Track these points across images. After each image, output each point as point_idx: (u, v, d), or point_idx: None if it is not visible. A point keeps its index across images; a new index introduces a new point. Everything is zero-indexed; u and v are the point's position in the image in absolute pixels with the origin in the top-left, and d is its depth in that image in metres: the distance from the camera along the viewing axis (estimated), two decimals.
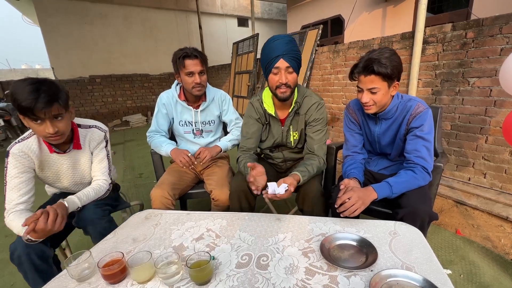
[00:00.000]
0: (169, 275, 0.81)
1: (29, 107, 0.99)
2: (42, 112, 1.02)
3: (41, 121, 1.05)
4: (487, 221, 1.92)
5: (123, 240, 1.05)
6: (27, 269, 1.07)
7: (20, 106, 1.00)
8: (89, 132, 1.31)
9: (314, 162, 1.37)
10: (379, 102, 1.19)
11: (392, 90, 1.19)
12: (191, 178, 1.68)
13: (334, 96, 3.72)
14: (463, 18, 3.99)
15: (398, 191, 1.15)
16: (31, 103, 0.99)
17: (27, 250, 1.07)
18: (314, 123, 1.42)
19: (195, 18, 8.54)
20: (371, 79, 1.14)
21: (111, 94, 7.41)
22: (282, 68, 1.26)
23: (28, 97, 0.98)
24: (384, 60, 1.10)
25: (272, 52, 1.26)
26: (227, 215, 1.19)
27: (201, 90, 1.55)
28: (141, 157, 4.00)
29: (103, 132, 1.35)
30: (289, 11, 7.54)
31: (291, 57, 1.26)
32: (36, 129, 1.07)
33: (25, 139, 1.17)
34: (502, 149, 2.12)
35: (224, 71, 6.91)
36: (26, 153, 1.15)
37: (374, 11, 5.26)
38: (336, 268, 0.81)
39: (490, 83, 2.11)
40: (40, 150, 1.19)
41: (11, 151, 1.14)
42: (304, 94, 1.43)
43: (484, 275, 1.43)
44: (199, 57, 1.49)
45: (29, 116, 1.03)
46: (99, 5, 7.44)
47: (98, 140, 1.32)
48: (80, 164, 1.31)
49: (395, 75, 1.14)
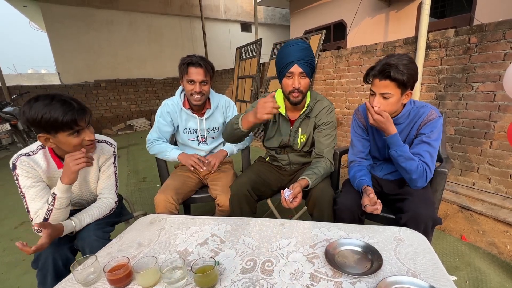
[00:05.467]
0: (174, 280, 0.81)
1: (73, 119, 0.99)
2: (83, 120, 1.04)
3: (81, 131, 1.05)
4: (493, 227, 1.90)
5: (128, 244, 1.06)
6: (49, 273, 1.07)
7: (62, 122, 0.98)
8: (98, 147, 1.26)
9: (321, 164, 1.39)
10: (390, 109, 1.18)
11: (404, 98, 1.18)
12: (194, 183, 1.68)
13: (337, 100, 3.73)
14: (466, 23, 3.99)
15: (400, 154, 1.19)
16: (73, 115, 0.99)
17: (54, 255, 1.09)
18: (323, 126, 1.44)
19: (199, 23, 8.65)
20: (386, 84, 1.14)
21: (115, 98, 7.48)
22: (296, 73, 1.29)
23: (66, 110, 0.98)
24: (402, 67, 1.09)
25: (287, 57, 1.29)
26: (231, 220, 1.19)
27: (200, 100, 1.53)
28: (145, 161, 4.02)
29: (112, 147, 1.31)
30: (292, 16, 7.60)
31: (305, 63, 1.28)
32: (74, 141, 1.04)
33: (31, 154, 1.11)
34: (507, 154, 2.11)
35: (227, 76, 6.96)
36: (33, 167, 1.10)
37: (377, 16, 5.29)
38: (341, 275, 0.81)
39: (494, 88, 2.11)
40: (48, 166, 1.14)
41: (18, 163, 1.08)
42: (316, 99, 1.46)
43: (490, 281, 1.41)
44: (204, 66, 1.48)
45: (71, 128, 1.01)
46: (105, 11, 7.57)
47: (107, 156, 1.28)
48: (88, 178, 1.27)
49: (409, 84, 1.13)
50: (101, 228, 1.20)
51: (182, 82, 1.54)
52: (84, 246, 1.14)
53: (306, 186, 1.30)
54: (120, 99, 7.54)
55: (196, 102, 1.54)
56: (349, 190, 1.35)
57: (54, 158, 1.15)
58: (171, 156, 1.58)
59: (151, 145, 1.65)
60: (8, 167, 1.18)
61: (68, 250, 1.16)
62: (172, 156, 1.58)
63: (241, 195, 1.39)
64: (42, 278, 1.09)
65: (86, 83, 6.92)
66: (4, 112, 4.47)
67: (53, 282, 1.08)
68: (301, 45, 1.30)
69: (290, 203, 1.20)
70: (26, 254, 1.85)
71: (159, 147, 1.62)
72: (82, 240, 1.15)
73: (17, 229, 2.28)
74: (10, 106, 4.86)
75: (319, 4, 6.69)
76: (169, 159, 1.62)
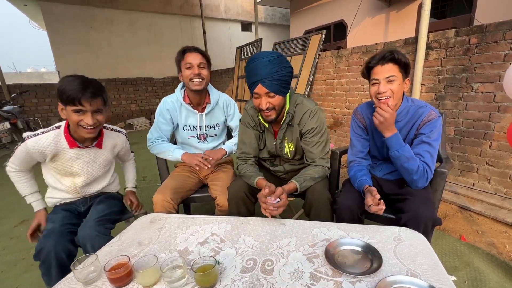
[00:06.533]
0: (175, 279, 0.81)
1: (76, 96, 1.10)
2: (88, 102, 1.14)
3: (83, 112, 1.15)
4: (492, 227, 1.91)
5: (129, 243, 1.06)
6: (53, 266, 1.13)
7: (68, 95, 1.10)
8: (114, 135, 1.42)
9: (313, 169, 1.34)
10: (396, 93, 1.18)
11: (404, 86, 1.22)
12: (194, 183, 1.68)
13: (337, 100, 3.73)
14: (466, 23, 4.00)
15: (402, 154, 1.18)
16: (79, 93, 1.11)
17: (56, 248, 1.14)
18: (309, 134, 1.33)
19: (199, 23, 8.65)
20: (389, 67, 1.16)
21: (115, 97, 7.48)
22: (261, 94, 1.20)
23: (77, 87, 1.10)
24: (399, 53, 1.17)
25: (250, 76, 1.20)
26: (231, 220, 1.19)
27: (200, 85, 1.51)
28: (144, 160, 4.02)
29: (125, 135, 1.49)
30: (292, 16, 7.60)
31: (271, 82, 1.16)
32: (75, 118, 1.15)
33: (45, 132, 1.22)
34: (507, 154, 2.11)
35: (227, 75, 6.96)
36: (40, 148, 1.20)
37: (377, 16, 5.29)
38: (341, 274, 0.82)
39: (493, 88, 2.11)
40: (56, 144, 1.23)
41: (27, 142, 1.20)
42: (295, 102, 1.34)
43: (489, 281, 1.42)
44: (200, 51, 1.52)
45: (74, 105, 1.12)
46: (105, 10, 7.56)
47: (121, 144, 1.46)
48: (96, 162, 1.37)
49: (408, 69, 1.19)
50: (102, 224, 1.25)
51: (181, 75, 1.54)
52: (86, 242, 1.18)
53: (295, 190, 1.28)
54: (120, 98, 7.54)
55: (196, 87, 1.51)
56: (349, 189, 1.35)
57: (68, 138, 1.24)
58: (174, 156, 1.58)
59: (153, 145, 1.64)
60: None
61: (69, 242, 1.20)
62: (175, 156, 1.57)
63: (238, 197, 1.37)
64: (46, 270, 1.14)
65: None
66: (4, 110, 4.47)
67: (57, 273, 1.12)
68: (265, 59, 1.16)
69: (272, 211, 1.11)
70: (26, 253, 1.87)
71: (161, 146, 1.61)
72: (84, 236, 1.19)
73: (17, 228, 2.28)
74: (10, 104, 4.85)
75: (319, 4, 6.69)
76: (172, 159, 1.61)
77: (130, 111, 7.76)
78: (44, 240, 1.16)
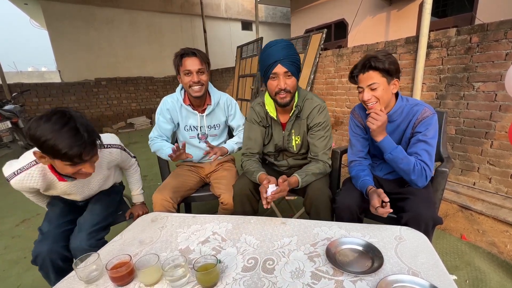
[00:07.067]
0: (176, 278, 0.81)
1: (78, 154, 0.91)
2: (89, 155, 0.96)
3: (82, 163, 0.97)
4: (493, 227, 1.91)
5: (130, 242, 1.07)
6: (50, 271, 1.14)
7: (64, 155, 0.90)
8: (106, 154, 1.24)
9: (315, 164, 1.37)
10: (381, 98, 1.19)
11: (392, 87, 1.21)
12: (195, 182, 1.68)
13: (338, 99, 3.73)
14: (468, 22, 3.99)
15: (396, 155, 1.20)
16: (79, 150, 0.91)
17: (51, 255, 1.13)
18: (316, 128, 1.40)
19: (199, 22, 8.63)
20: (370, 75, 1.17)
21: (116, 96, 7.48)
22: (280, 74, 1.26)
23: (73, 144, 0.90)
24: (381, 57, 1.15)
25: (269, 58, 1.25)
26: (232, 219, 1.19)
27: (199, 91, 1.50)
28: (145, 159, 4.02)
29: (118, 148, 1.31)
30: (293, 15, 7.59)
31: (289, 62, 1.25)
32: (68, 170, 0.97)
33: (25, 169, 1.07)
34: (508, 154, 2.11)
35: (228, 74, 6.95)
36: (27, 185, 1.10)
37: (378, 15, 5.28)
38: (342, 273, 0.82)
39: (495, 87, 2.11)
40: (44, 179, 1.13)
41: (11, 182, 1.09)
42: (305, 97, 1.41)
43: (490, 281, 1.42)
44: (198, 55, 1.47)
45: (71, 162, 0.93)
46: (106, 9, 7.56)
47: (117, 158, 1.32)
48: (92, 182, 1.31)
49: (392, 71, 1.17)
50: (94, 237, 1.22)
51: (180, 78, 1.53)
52: (77, 254, 1.17)
53: (296, 183, 1.30)
54: (120, 98, 7.54)
55: (196, 94, 1.51)
56: (349, 189, 1.35)
57: (55, 173, 1.10)
58: (165, 153, 1.58)
59: (151, 143, 1.66)
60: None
61: (64, 248, 1.19)
62: (166, 153, 1.57)
63: (244, 195, 1.39)
64: (45, 274, 1.17)
65: (87, 81, 6.91)
66: (5, 110, 4.46)
67: (56, 277, 1.14)
68: (283, 44, 1.26)
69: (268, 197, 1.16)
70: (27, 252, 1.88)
71: (157, 145, 1.62)
72: (75, 248, 1.18)
73: (18, 227, 2.29)
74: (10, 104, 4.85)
75: (320, 3, 6.67)
76: (163, 157, 1.63)
77: (131, 110, 7.76)
78: (39, 246, 1.15)
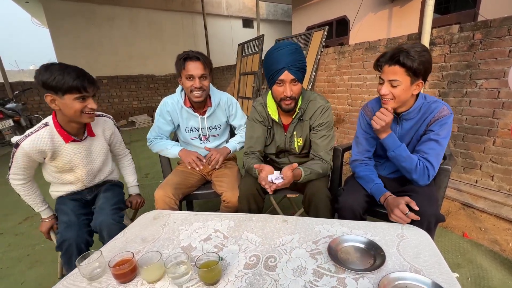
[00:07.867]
0: (179, 275, 0.82)
1: (83, 84, 1.13)
2: (91, 88, 1.17)
3: (86, 98, 1.17)
4: (495, 224, 1.90)
5: (133, 240, 1.07)
6: (74, 255, 1.21)
7: (71, 85, 1.10)
8: (101, 121, 1.41)
9: (318, 163, 1.36)
10: (398, 97, 1.13)
11: (414, 88, 1.13)
12: (197, 179, 1.68)
13: (339, 97, 3.71)
14: (470, 19, 3.95)
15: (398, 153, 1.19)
16: (84, 81, 1.13)
17: (77, 240, 1.23)
18: (318, 127, 1.38)
19: (200, 19, 8.60)
20: (394, 70, 1.09)
21: (117, 94, 7.49)
22: (287, 81, 1.23)
23: (78, 76, 1.12)
24: (413, 53, 1.05)
25: (276, 63, 1.22)
26: (234, 216, 1.20)
27: (201, 96, 1.50)
28: (147, 157, 4.03)
29: (111, 119, 1.48)
30: (294, 12, 7.54)
31: (296, 68, 1.21)
32: (78, 106, 1.16)
33: (35, 131, 1.19)
34: (510, 151, 2.10)
35: (229, 72, 6.94)
36: (37, 147, 1.18)
37: (380, 12, 5.24)
38: (344, 270, 0.82)
39: (498, 84, 2.09)
40: (52, 141, 1.22)
41: (22, 145, 1.16)
42: (308, 99, 1.39)
43: (492, 278, 1.42)
44: (202, 60, 1.45)
45: (79, 92, 1.13)
46: (107, 7, 7.55)
47: (110, 128, 1.45)
48: (94, 152, 1.39)
49: (420, 72, 1.08)
50: (116, 213, 1.34)
51: (181, 80, 1.51)
52: (103, 228, 1.26)
53: (299, 177, 1.29)
54: (122, 96, 7.55)
55: (197, 99, 1.51)
56: (352, 188, 1.33)
57: (61, 132, 1.24)
58: (171, 152, 1.59)
59: (152, 144, 1.66)
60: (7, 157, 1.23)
61: (87, 234, 1.29)
62: (172, 152, 1.58)
63: (250, 194, 1.38)
64: (67, 259, 1.24)
65: None
66: (7, 108, 4.48)
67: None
68: (291, 48, 1.22)
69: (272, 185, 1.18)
70: (31, 249, 1.89)
71: (159, 144, 1.63)
72: (101, 223, 1.27)
73: (21, 224, 2.30)
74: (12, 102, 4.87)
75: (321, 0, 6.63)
76: (170, 156, 1.63)
77: (132, 109, 7.78)
78: (65, 232, 1.23)
